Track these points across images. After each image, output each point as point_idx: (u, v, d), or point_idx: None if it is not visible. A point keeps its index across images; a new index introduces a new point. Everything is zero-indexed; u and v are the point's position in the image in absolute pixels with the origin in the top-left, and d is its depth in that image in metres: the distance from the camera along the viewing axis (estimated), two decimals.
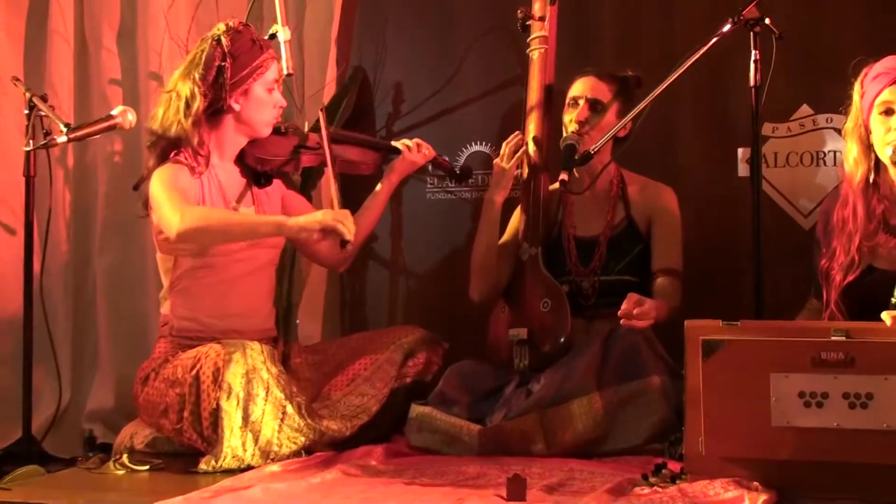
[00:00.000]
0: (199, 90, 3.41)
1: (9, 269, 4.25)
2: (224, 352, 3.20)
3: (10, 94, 4.22)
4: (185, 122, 3.41)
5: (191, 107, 3.41)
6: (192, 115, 3.41)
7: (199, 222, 3.27)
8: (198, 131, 3.42)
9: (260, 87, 3.47)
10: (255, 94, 3.47)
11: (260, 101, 3.49)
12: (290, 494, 2.72)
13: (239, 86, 3.44)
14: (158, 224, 3.39)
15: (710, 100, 3.87)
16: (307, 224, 3.29)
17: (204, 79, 3.41)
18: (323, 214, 3.30)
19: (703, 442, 2.62)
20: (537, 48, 3.62)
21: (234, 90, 3.44)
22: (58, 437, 4.10)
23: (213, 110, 3.45)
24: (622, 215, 3.61)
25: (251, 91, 3.46)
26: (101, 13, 4.34)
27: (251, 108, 3.48)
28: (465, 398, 3.34)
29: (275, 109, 3.54)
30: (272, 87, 3.51)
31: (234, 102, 3.45)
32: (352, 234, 3.28)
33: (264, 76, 3.48)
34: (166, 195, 3.32)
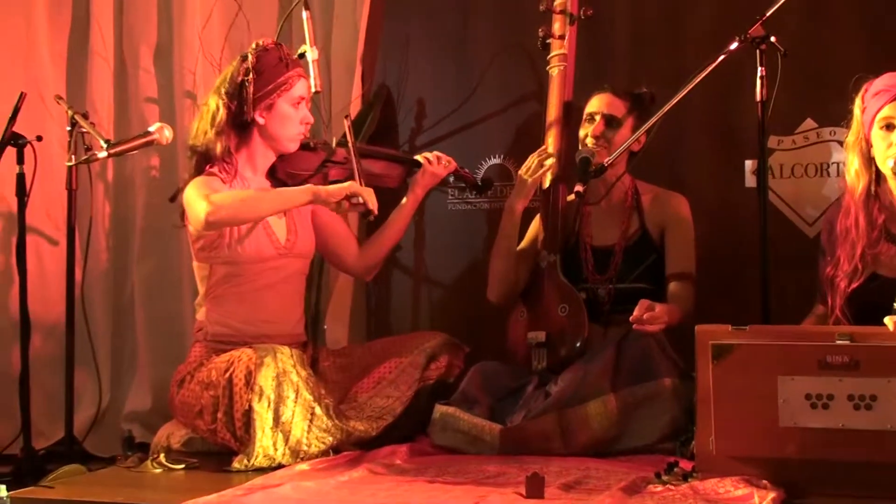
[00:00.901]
0: (223, 103, 3.49)
1: (52, 278, 4.35)
2: (256, 356, 3.24)
3: (53, 112, 4.33)
4: (210, 132, 3.49)
5: (215, 117, 3.50)
6: (216, 126, 3.48)
7: (225, 201, 3.33)
8: (221, 141, 3.48)
9: (285, 102, 3.53)
10: (280, 110, 3.53)
11: (284, 117, 3.54)
12: (318, 492, 2.75)
13: (263, 100, 3.50)
14: (191, 222, 3.44)
15: (719, 114, 3.88)
16: (335, 190, 3.38)
17: (228, 93, 3.50)
18: (350, 183, 3.42)
19: (713, 441, 2.66)
20: (557, 66, 3.66)
21: (259, 104, 3.50)
22: (98, 437, 4.21)
23: (238, 123, 3.51)
24: (636, 225, 3.65)
25: (275, 106, 3.52)
26: (139, 35, 4.44)
27: (275, 122, 3.54)
28: (486, 399, 3.38)
29: (301, 125, 3.59)
30: (298, 103, 3.56)
31: (259, 116, 3.51)
32: (375, 207, 3.39)
33: (289, 92, 3.53)
34: (195, 194, 3.38)
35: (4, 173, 3.98)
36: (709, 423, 2.69)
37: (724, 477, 2.64)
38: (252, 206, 3.40)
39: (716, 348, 2.68)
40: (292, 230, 3.62)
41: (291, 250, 3.60)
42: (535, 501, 2.59)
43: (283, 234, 3.59)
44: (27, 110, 3.94)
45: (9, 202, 4.25)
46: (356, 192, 3.39)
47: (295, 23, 4.01)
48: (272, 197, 3.45)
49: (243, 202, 3.39)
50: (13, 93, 3.95)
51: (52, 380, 4.24)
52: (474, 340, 3.75)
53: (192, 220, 3.42)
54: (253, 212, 3.42)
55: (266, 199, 3.44)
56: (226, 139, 3.51)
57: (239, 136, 3.55)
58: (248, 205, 3.40)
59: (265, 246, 3.54)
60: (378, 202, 3.43)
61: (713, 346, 2.68)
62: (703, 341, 2.70)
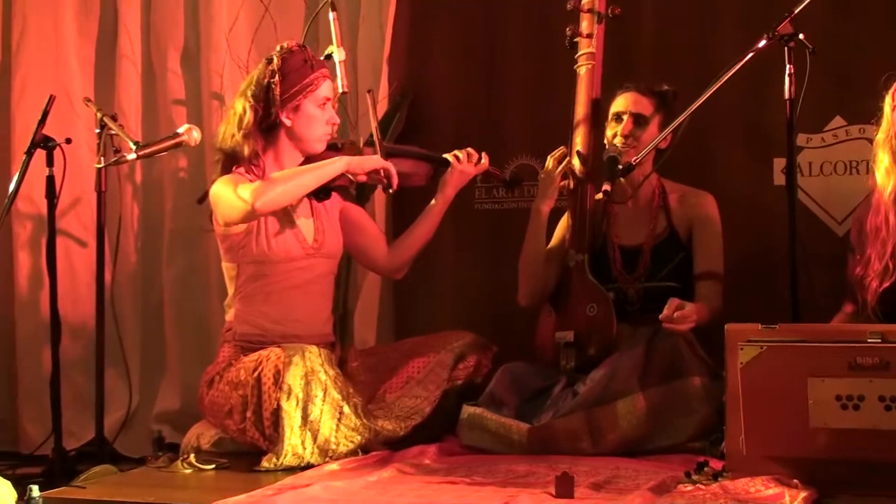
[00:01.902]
0: (250, 105, 3.50)
1: (82, 280, 4.39)
2: (284, 355, 3.25)
3: (82, 115, 4.38)
4: (238, 135, 3.49)
5: (242, 120, 3.50)
6: (244, 128, 3.49)
7: (270, 186, 3.35)
8: (248, 143, 3.49)
9: (310, 103, 3.54)
10: (306, 111, 3.54)
11: (310, 118, 3.55)
12: (348, 491, 2.76)
13: (289, 102, 3.51)
14: (226, 215, 3.45)
15: (747, 112, 3.87)
16: (367, 160, 3.52)
17: (255, 95, 3.51)
18: (378, 156, 3.53)
19: (743, 441, 2.65)
20: (585, 64, 3.64)
21: (285, 106, 3.51)
22: (128, 438, 4.25)
23: (266, 125, 3.52)
24: (664, 224, 3.65)
25: (301, 107, 3.53)
26: (167, 37, 4.47)
27: (301, 123, 3.55)
28: (514, 399, 3.38)
29: (327, 126, 3.60)
30: (323, 104, 3.56)
31: (286, 118, 3.52)
32: (396, 182, 3.51)
33: (315, 93, 3.54)
34: (227, 189, 3.40)
35: (34, 176, 3.98)
36: (738, 422, 2.67)
37: (755, 476, 2.63)
38: (295, 185, 3.43)
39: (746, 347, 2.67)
40: (320, 230, 3.63)
41: (319, 250, 3.61)
42: (565, 501, 2.59)
43: (310, 235, 3.61)
44: (56, 113, 3.98)
45: (38, 204, 4.28)
46: (385, 166, 3.51)
47: (322, 24, 4.01)
48: (311, 173, 3.47)
49: (286, 181, 3.41)
50: (43, 96, 3.98)
51: (82, 381, 4.30)
52: (502, 340, 3.75)
53: (233, 213, 3.42)
54: (297, 190, 3.45)
55: (306, 176, 3.46)
56: (253, 142, 3.52)
57: (266, 138, 3.57)
58: (291, 184, 3.42)
59: (293, 246, 3.55)
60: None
61: (743, 344, 2.67)
62: (732, 340, 2.69)
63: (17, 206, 4.32)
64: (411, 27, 4.29)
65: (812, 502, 2.53)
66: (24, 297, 4.51)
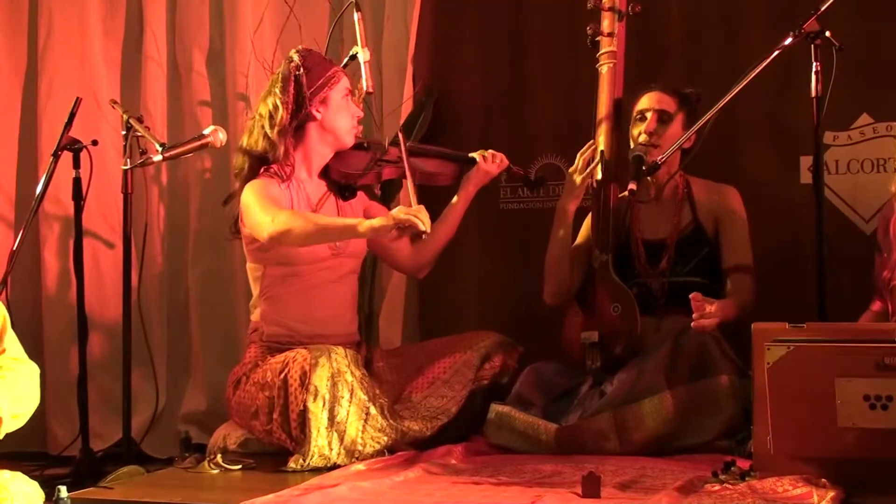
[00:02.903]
0: (282, 101, 3.51)
1: (108, 281, 4.40)
2: (310, 356, 3.27)
3: (108, 117, 4.39)
4: (272, 133, 3.51)
5: (275, 118, 3.52)
6: (278, 125, 3.51)
7: (286, 225, 3.33)
8: (283, 141, 3.51)
9: (337, 94, 3.57)
10: (334, 101, 3.57)
11: (339, 107, 3.58)
12: (375, 492, 2.77)
13: (317, 94, 3.54)
14: (250, 229, 3.47)
15: (774, 110, 3.85)
16: (380, 225, 3.27)
17: (284, 91, 3.52)
18: (396, 211, 3.28)
19: (771, 441, 2.64)
20: (606, 63, 3.64)
21: (314, 99, 3.53)
22: (155, 439, 4.26)
23: (297, 123, 3.54)
24: (689, 218, 3.65)
25: (329, 99, 3.56)
26: (192, 39, 4.48)
27: (332, 114, 3.57)
28: (540, 399, 3.39)
29: (353, 119, 3.62)
30: (347, 95, 3.60)
31: (316, 111, 3.55)
32: (428, 226, 3.25)
33: (338, 85, 3.57)
34: (258, 202, 3.42)
35: (61, 178, 4.03)
36: (766, 421, 2.66)
37: (783, 476, 2.62)
38: (310, 232, 3.37)
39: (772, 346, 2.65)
40: None
41: (345, 250, 3.62)
42: (591, 501, 2.59)
43: None
44: (83, 115, 3.99)
45: (66, 206, 4.30)
46: (402, 220, 3.25)
47: (346, 24, 4.02)
48: (329, 228, 3.42)
49: (302, 228, 3.35)
50: (69, 98, 3.99)
51: (109, 382, 4.31)
52: (527, 340, 3.75)
53: (255, 229, 3.45)
54: (307, 237, 3.40)
55: (324, 229, 3.40)
56: (287, 139, 3.54)
57: (295, 136, 3.58)
58: (307, 230, 3.36)
59: (319, 246, 3.55)
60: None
61: (770, 344, 2.65)
62: (759, 339, 2.68)
63: (45, 207, 4.34)
64: (435, 27, 4.29)
65: (840, 502, 2.52)
66: (52, 298, 4.53)
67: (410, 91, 4.22)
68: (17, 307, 4.12)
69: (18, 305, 4.27)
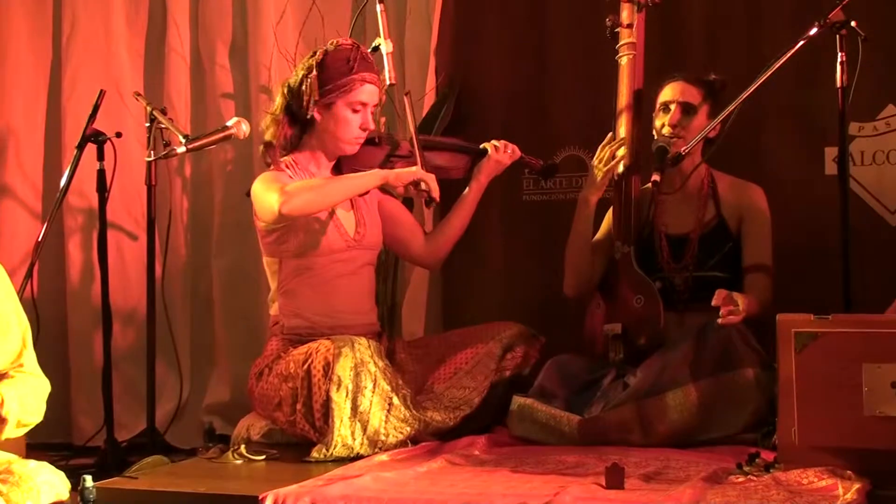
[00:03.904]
0: (282, 94, 3.56)
1: (132, 273, 4.43)
2: (333, 347, 3.27)
3: (132, 109, 4.41)
4: (267, 119, 3.59)
5: (275, 104, 3.59)
6: (272, 113, 3.57)
7: (298, 191, 3.36)
8: (274, 128, 3.55)
9: (343, 105, 3.53)
10: (337, 111, 3.54)
11: (340, 119, 3.55)
12: (398, 482, 2.77)
13: (322, 98, 3.52)
14: (262, 215, 3.49)
15: (798, 101, 3.83)
16: (404, 173, 3.47)
17: (290, 86, 3.56)
18: (417, 168, 3.49)
19: (796, 432, 2.64)
20: (626, 54, 3.62)
21: (318, 102, 3.52)
22: (179, 429, 4.29)
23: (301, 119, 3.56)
24: (713, 213, 3.63)
25: (334, 107, 3.54)
26: (215, 31, 4.50)
27: (330, 122, 3.55)
28: (563, 392, 3.38)
29: (358, 131, 3.58)
30: (359, 109, 3.55)
31: (316, 113, 3.54)
32: (437, 195, 3.46)
33: (349, 96, 3.52)
34: (265, 186, 3.44)
35: (85, 170, 4.05)
36: (791, 413, 2.66)
37: (808, 468, 2.61)
38: (324, 194, 3.44)
39: (798, 337, 2.65)
40: (361, 222, 3.65)
41: (360, 242, 3.63)
42: (615, 492, 2.58)
43: (351, 227, 3.63)
44: (106, 107, 4.02)
45: (90, 198, 4.34)
46: (422, 177, 3.45)
47: (369, 16, 4.03)
48: (342, 184, 3.49)
49: (315, 190, 3.43)
50: (93, 90, 4.02)
51: (133, 373, 4.34)
52: (549, 331, 3.74)
53: (265, 213, 3.47)
54: (326, 199, 3.45)
55: (337, 186, 3.47)
56: (281, 129, 3.56)
57: (303, 130, 3.60)
58: (320, 193, 3.43)
59: (335, 239, 3.57)
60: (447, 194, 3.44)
61: (796, 334, 2.66)
62: (785, 330, 2.68)
63: (69, 199, 4.36)
64: (458, 18, 4.29)
65: (866, 493, 2.50)
66: (76, 290, 4.56)
67: (433, 83, 4.23)
68: (42, 299, 4.20)
69: (44, 297, 4.33)
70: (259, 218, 3.54)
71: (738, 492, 2.54)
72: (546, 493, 2.55)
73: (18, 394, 2.71)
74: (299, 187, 3.41)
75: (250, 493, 2.72)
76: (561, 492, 2.55)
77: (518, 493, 2.60)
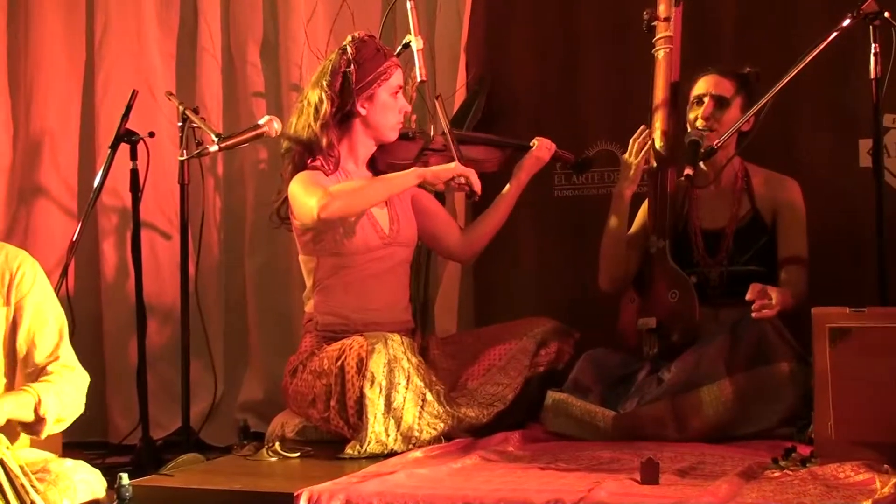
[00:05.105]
0: (327, 95, 3.53)
1: (166, 272, 4.45)
2: (367, 343, 3.28)
3: (164, 109, 4.44)
4: (315, 126, 3.53)
5: (319, 111, 3.54)
6: (321, 119, 3.53)
7: (337, 195, 3.37)
8: (326, 134, 3.53)
9: (384, 92, 3.57)
10: (380, 99, 3.57)
11: (385, 106, 3.58)
12: (432, 479, 2.78)
13: (364, 91, 3.54)
14: (300, 216, 3.50)
15: (831, 93, 3.81)
16: (442, 170, 3.46)
17: (331, 85, 3.54)
18: (455, 164, 3.48)
19: (832, 426, 2.64)
20: (662, 48, 3.61)
21: (360, 95, 3.54)
22: (213, 427, 4.32)
23: (341, 116, 3.56)
24: (747, 207, 3.62)
25: (376, 96, 3.56)
26: (246, 30, 4.52)
27: (376, 112, 3.58)
28: (598, 386, 3.38)
29: (399, 114, 3.62)
30: (396, 92, 3.59)
31: (361, 107, 3.56)
32: (479, 188, 3.45)
33: (388, 82, 3.57)
34: (303, 188, 3.44)
35: (118, 169, 4.08)
36: (827, 407, 2.66)
37: (844, 462, 2.61)
38: (363, 197, 3.46)
39: (833, 331, 2.65)
40: (395, 219, 3.65)
41: (396, 239, 3.64)
42: (650, 487, 2.58)
43: (386, 224, 3.63)
44: (139, 107, 4.05)
45: (123, 198, 4.36)
46: (461, 172, 3.46)
47: (399, 13, 4.04)
48: (381, 184, 3.50)
49: (354, 194, 3.44)
50: (125, 91, 4.05)
51: (167, 372, 4.37)
52: (582, 326, 3.74)
53: (303, 215, 3.47)
54: (364, 202, 3.47)
55: (375, 188, 3.49)
56: (330, 132, 3.56)
57: (340, 128, 3.60)
58: (359, 195, 3.45)
59: (370, 236, 3.57)
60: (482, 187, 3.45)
61: (831, 328, 2.65)
62: (820, 324, 2.68)
63: (103, 199, 4.38)
64: (488, 14, 4.29)
65: None
66: (111, 289, 4.59)
67: (463, 79, 4.24)
68: (77, 298, 4.24)
69: (79, 296, 4.37)
70: (296, 217, 3.55)
71: (775, 486, 2.54)
72: (581, 489, 2.54)
73: (56, 392, 2.74)
74: (337, 191, 3.41)
75: (285, 491, 2.73)
76: (596, 487, 2.55)
77: (552, 488, 2.59)
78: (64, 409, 2.78)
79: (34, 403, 2.70)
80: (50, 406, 2.72)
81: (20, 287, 2.84)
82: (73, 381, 2.84)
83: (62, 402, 2.76)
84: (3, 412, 2.64)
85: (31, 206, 4.67)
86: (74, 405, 2.83)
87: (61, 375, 2.80)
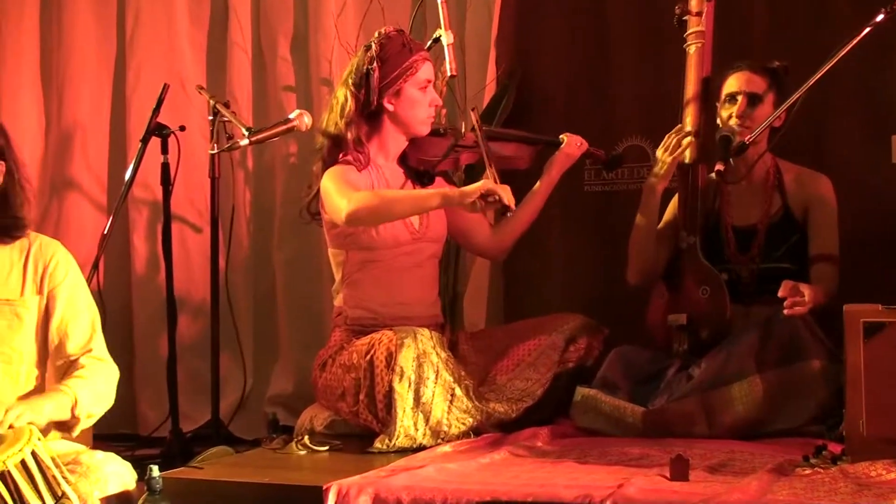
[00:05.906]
0: (351, 93, 3.55)
1: (196, 265, 4.47)
2: (396, 337, 3.29)
3: (195, 102, 4.45)
4: (340, 123, 3.55)
5: (344, 109, 3.56)
6: (346, 117, 3.55)
7: (365, 202, 3.37)
8: (350, 130, 3.54)
9: (411, 87, 3.57)
10: (407, 94, 3.57)
11: (412, 101, 3.58)
12: (461, 473, 2.78)
13: (390, 87, 3.54)
14: (330, 214, 3.51)
15: (864, 88, 3.77)
16: (469, 190, 3.31)
17: (355, 83, 3.55)
18: (484, 181, 3.34)
19: (864, 423, 2.62)
20: (694, 43, 3.60)
21: (386, 92, 3.55)
22: (243, 420, 4.32)
23: (369, 112, 3.57)
24: (779, 204, 3.60)
25: (403, 91, 3.56)
26: (277, 24, 4.53)
27: (404, 107, 3.58)
28: (626, 383, 3.38)
29: (430, 108, 3.62)
30: (425, 87, 3.58)
31: (388, 103, 3.56)
32: (512, 203, 3.31)
33: (415, 76, 3.56)
34: (335, 186, 3.45)
35: (150, 163, 4.09)
36: (859, 404, 2.64)
37: (876, 460, 2.59)
38: (389, 211, 3.44)
39: (867, 327, 2.63)
40: (425, 215, 3.65)
41: (425, 235, 3.64)
42: (679, 483, 2.57)
43: (416, 219, 3.63)
44: (170, 101, 4.07)
45: (154, 191, 4.38)
46: (491, 189, 3.31)
47: (429, 7, 4.04)
48: (407, 203, 3.48)
49: (381, 208, 3.42)
50: (156, 84, 4.06)
51: (197, 365, 4.37)
52: (612, 322, 3.72)
53: (332, 213, 3.48)
54: (389, 215, 3.46)
55: (403, 205, 3.46)
56: (356, 129, 3.57)
57: (370, 124, 3.61)
58: (385, 210, 3.42)
59: (400, 231, 3.58)
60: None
61: (864, 325, 2.63)
62: (852, 321, 2.66)
63: (134, 192, 4.40)
64: (518, 8, 4.27)
65: None
66: (141, 282, 4.62)
67: (493, 74, 4.22)
68: (108, 291, 4.26)
69: (109, 289, 4.39)
70: (326, 212, 3.56)
71: (805, 484, 2.52)
72: (610, 485, 2.53)
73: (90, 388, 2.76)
74: (366, 202, 3.39)
75: (314, 484, 2.73)
76: (625, 483, 2.54)
77: (582, 484, 2.59)
78: (97, 404, 2.80)
79: (71, 404, 2.73)
80: (85, 405, 2.74)
81: (54, 276, 2.86)
82: (105, 374, 2.86)
83: (95, 398, 2.79)
84: (45, 415, 2.67)
85: (62, 199, 4.71)
86: (105, 399, 2.85)
87: (94, 369, 2.82)
